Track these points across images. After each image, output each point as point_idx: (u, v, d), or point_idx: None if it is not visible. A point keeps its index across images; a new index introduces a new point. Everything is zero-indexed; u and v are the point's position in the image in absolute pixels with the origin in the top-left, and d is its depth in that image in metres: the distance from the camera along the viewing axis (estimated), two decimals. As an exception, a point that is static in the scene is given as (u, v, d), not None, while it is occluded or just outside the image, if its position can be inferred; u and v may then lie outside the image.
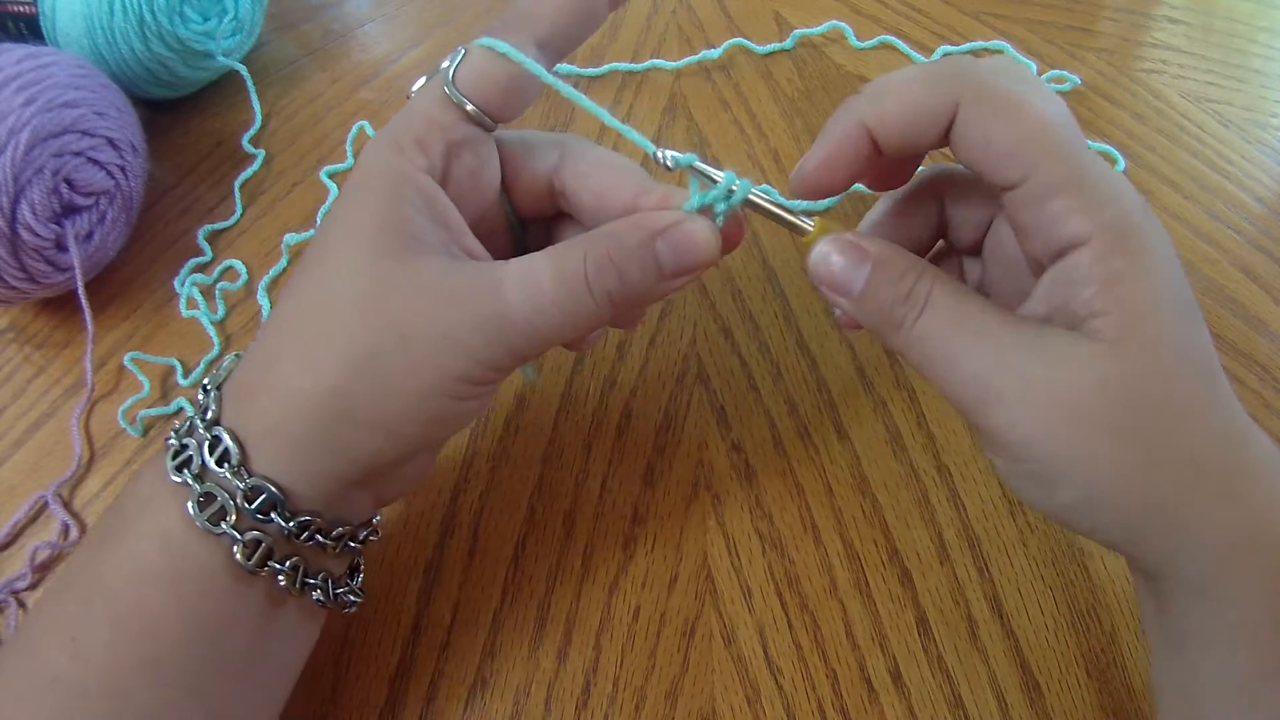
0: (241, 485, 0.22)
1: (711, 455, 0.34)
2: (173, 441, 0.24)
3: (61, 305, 0.42)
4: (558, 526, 0.33)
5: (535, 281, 0.23)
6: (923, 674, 0.28)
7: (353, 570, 0.27)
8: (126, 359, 0.39)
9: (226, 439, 0.23)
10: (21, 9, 0.47)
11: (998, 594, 0.30)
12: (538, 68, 0.24)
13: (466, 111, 0.25)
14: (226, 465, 0.23)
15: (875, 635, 0.29)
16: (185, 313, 0.42)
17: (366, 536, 0.26)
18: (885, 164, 0.26)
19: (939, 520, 0.31)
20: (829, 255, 0.24)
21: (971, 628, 0.29)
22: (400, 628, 0.31)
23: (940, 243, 0.28)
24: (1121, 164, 0.42)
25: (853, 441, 0.34)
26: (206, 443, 0.23)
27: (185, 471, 0.23)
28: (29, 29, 0.47)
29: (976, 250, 0.27)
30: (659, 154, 0.25)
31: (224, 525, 0.22)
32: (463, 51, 0.25)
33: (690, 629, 0.30)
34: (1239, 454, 0.21)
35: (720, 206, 0.24)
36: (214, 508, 0.23)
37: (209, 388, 0.25)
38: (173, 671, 0.22)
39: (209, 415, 0.24)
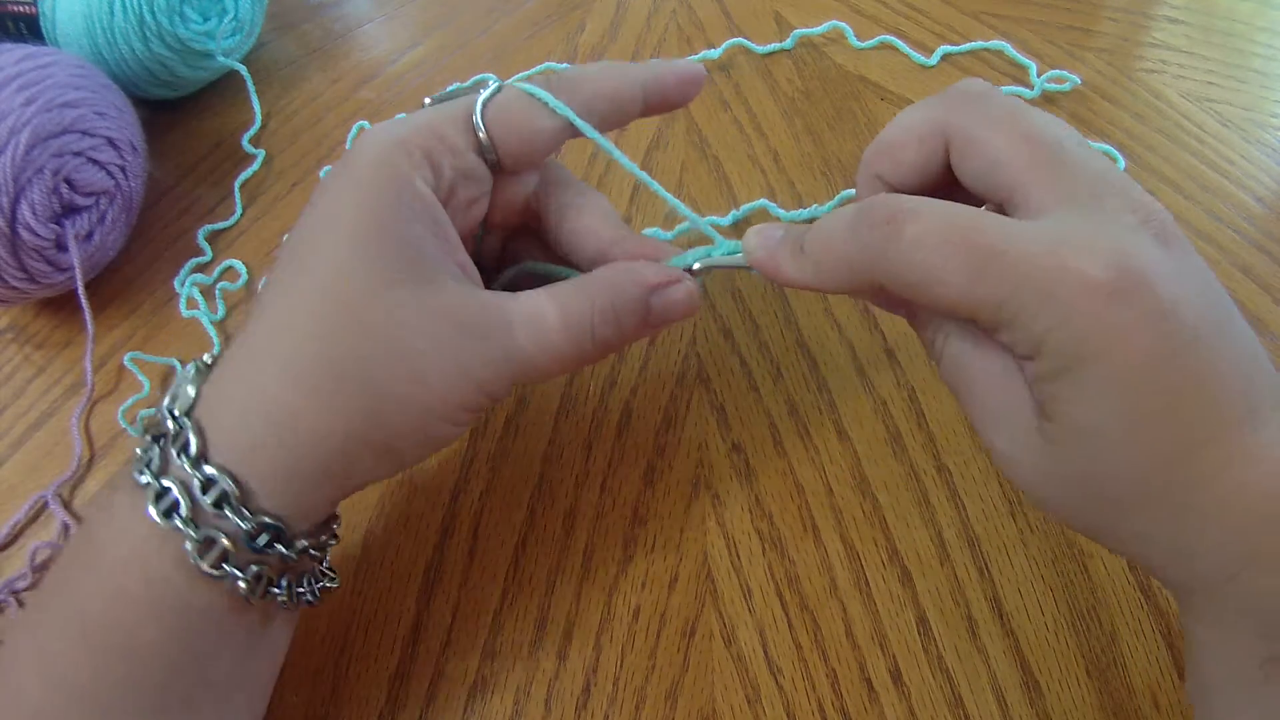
0: (247, 526, 0.22)
1: (711, 455, 0.34)
2: (151, 481, 0.22)
3: (61, 305, 0.42)
4: (558, 526, 0.33)
5: (544, 326, 0.25)
6: (923, 674, 0.28)
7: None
8: (126, 359, 0.39)
9: (226, 481, 0.22)
10: (21, 9, 0.47)
11: (998, 594, 0.30)
12: (577, 119, 0.26)
13: (481, 144, 0.26)
14: (223, 505, 0.22)
15: (875, 635, 0.29)
16: (185, 313, 0.42)
17: (325, 541, 0.26)
18: None
19: (939, 520, 0.31)
20: (758, 233, 0.25)
21: (971, 628, 0.29)
22: (400, 628, 0.31)
23: None
24: (1121, 164, 0.42)
25: (853, 441, 0.34)
26: (197, 482, 0.22)
27: (173, 516, 0.22)
28: (29, 29, 0.47)
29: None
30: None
31: (177, 519, 0.22)
32: (496, 85, 0.26)
33: (690, 629, 0.30)
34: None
35: (703, 260, 0.27)
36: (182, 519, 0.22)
37: (176, 413, 0.23)
38: (139, 670, 0.22)
39: (192, 450, 0.22)
